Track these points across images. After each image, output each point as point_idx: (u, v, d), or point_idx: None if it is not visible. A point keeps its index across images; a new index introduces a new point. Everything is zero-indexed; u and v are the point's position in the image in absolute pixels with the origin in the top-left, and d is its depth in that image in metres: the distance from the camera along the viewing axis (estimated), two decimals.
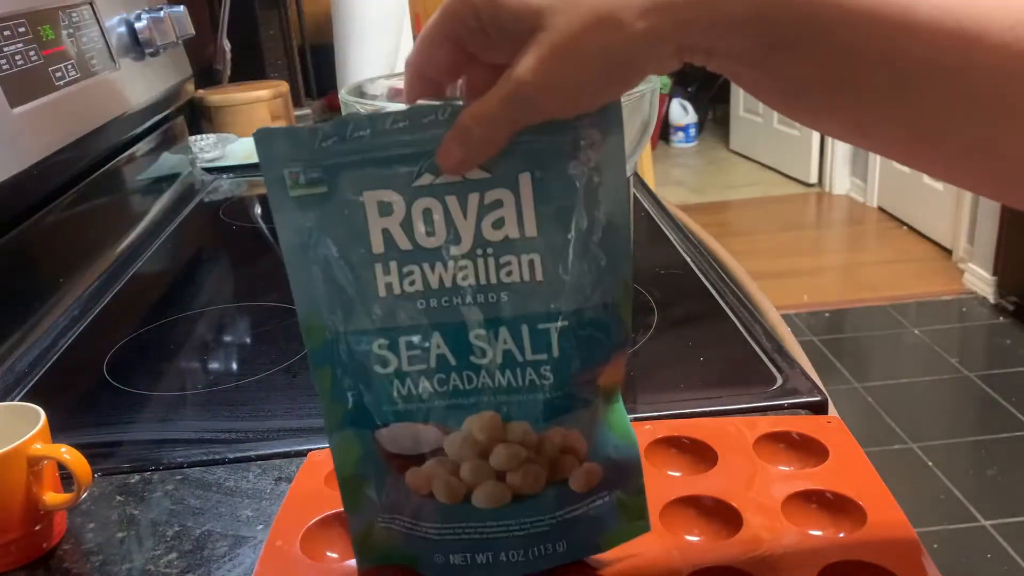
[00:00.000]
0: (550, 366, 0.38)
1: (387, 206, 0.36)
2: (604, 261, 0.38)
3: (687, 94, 4.76)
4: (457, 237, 0.37)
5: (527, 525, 0.40)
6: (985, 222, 2.77)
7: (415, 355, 0.38)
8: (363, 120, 0.36)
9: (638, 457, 0.42)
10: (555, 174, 0.36)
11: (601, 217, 0.37)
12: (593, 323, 0.38)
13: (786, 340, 0.67)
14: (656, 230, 0.95)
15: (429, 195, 0.36)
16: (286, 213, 0.37)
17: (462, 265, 0.37)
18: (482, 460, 0.39)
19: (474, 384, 0.38)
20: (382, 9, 1.39)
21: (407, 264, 0.37)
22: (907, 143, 0.32)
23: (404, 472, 0.40)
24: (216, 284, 0.92)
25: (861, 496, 0.46)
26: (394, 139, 0.36)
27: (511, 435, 0.39)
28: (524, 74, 0.33)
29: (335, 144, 0.36)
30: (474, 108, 0.34)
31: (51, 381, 0.71)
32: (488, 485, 0.39)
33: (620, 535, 0.43)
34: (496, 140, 0.35)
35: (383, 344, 0.38)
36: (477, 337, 0.38)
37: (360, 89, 0.68)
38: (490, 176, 0.36)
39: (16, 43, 0.80)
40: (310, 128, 0.36)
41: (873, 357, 2.48)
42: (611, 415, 0.41)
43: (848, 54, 0.30)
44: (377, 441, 0.40)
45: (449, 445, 0.39)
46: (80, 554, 0.49)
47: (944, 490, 1.87)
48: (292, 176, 0.36)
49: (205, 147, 1.36)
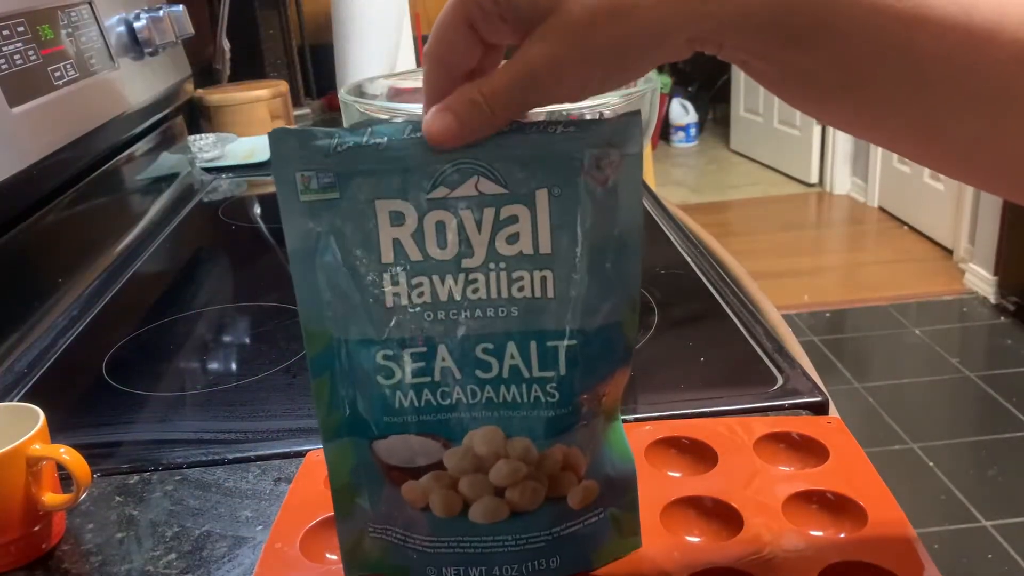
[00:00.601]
0: (556, 383, 0.38)
1: (399, 216, 0.36)
2: (614, 280, 0.37)
3: (687, 94, 4.76)
4: (470, 251, 0.36)
5: (523, 541, 0.40)
6: (986, 222, 2.77)
7: (419, 367, 0.37)
8: (381, 127, 0.35)
9: (634, 474, 0.42)
10: (573, 191, 0.36)
11: (615, 236, 0.37)
12: (600, 341, 0.38)
13: (786, 340, 0.67)
14: (656, 230, 0.95)
15: (443, 208, 0.36)
16: (295, 217, 0.36)
17: (473, 279, 0.36)
18: (481, 475, 0.39)
19: (478, 399, 0.38)
20: (382, 9, 1.39)
21: (416, 276, 0.36)
22: (914, 137, 0.32)
23: (400, 484, 0.39)
24: (215, 284, 0.92)
25: (862, 496, 0.46)
26: (410, 148, 0.35)
27: (513, 451, 0.38)
28: (535, 57, 0.32)
29: (351, 150, 0.35)
30: (483, 85, 0.34)
31: (50, 381, 0.70)
32: (486, 500, 0.39)
33: (612, 550, 0.43)
34: (499, 121, 0.34)
35: (387, 355, 0.37)
36: (484, 351, 0.37)
37: (360, 89, 0.68)
38: (507, 192, 0.36)
39: (15, 43, 0.80)
40: (327, 131, 0.35)
41: (874, 357, 2.48)
42: (611, 432, 0.41)
43: (860, 48, 0.30)
44: (374, 451, 0.39)
45: (448, 459, 0.38)
46: (79, 555, 0.49)
47: (945, 490, 1.86)
48: (304, 180, 0.36)
49: (204, 147, 1.35)
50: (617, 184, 0.36)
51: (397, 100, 0.75)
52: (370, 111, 0.61)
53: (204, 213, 1.16)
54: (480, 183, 0.36)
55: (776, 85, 0.33)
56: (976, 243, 2.83)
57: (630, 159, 0.36)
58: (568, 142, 0.35)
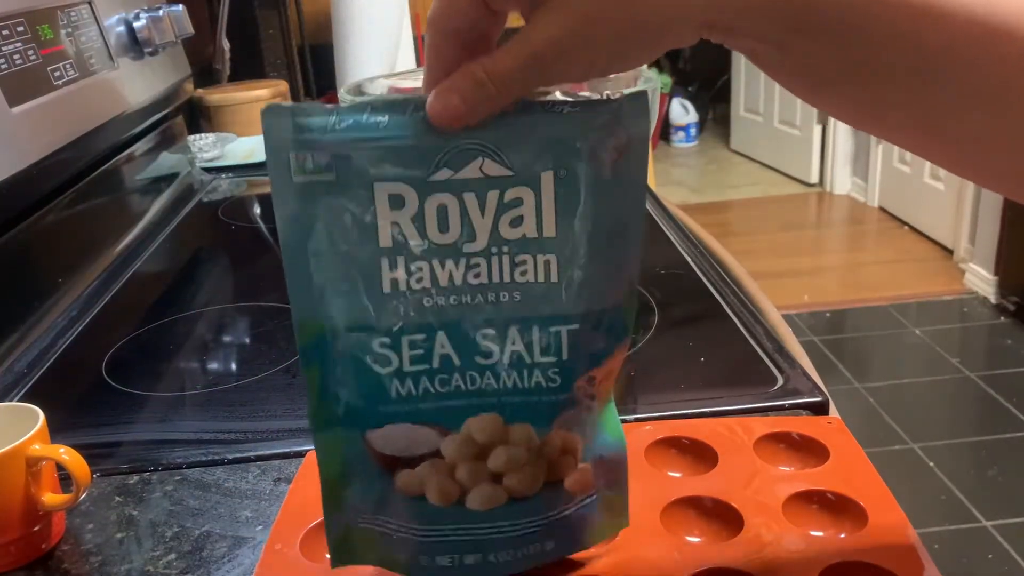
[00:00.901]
0: (558, 368, 0.37)
1: (399, 199, 0.34)
2: (616, 263, 0.37)
3: (687, 93, 4.76)
4: (472, 235, 0.35)
5: (519, 526, 0.40)
6: (986, 222, 2.77)
7: (418, 355, 0.36)
8: (382, 105, 0.34)
9: (625, 455, 0.42)
10: (579, 173, 0.35)
11: (618, 218, 0.36)
12: (601, 325, 0.37)
13: (787, 340, 0.67)
14: (657, 230, 0.95)
15: (446, 191, 0.34)
16: (287, 199, 0.34)
17: (474, 263, 0.35)
18: (479, 462, 0.38)
19: (477, 385, 0.37)
20: (382, 9, 1.39)
21: (416, 260, 0.35)
22: (915, 130, 0.32)
23: (395, 473, 0.38)
24: (215, 284, 0.92)
25: (862, 497, 0.46)
26: (412, 128, 0.34)
27: (514, 437, 0.38)
28: (541, 38, 0.32)
29: (349, 129, 0.33)
30: (488, 65, 0.33)
31: (50, 381, 0.70)
32: (484, 487, 0.39)
33: (603, 531, 0.43)
34: (504, 100, 0.33)
35: (384, 343, 0.36)
36: (485, 337, 0.36)
37: (359, 88, 0.68)
38: (512, 174, 0.35)
39: (15, 42, 0.80)
40: (324, 108, 0.34)
41: (874, 357, 2.48)
42: (606, 414, 0.41)
43: (870, 39, 0.30)
44: (368, 442, 0.38)
45: (446, 447, 0.38)
46: (79, 555, 0.49)
47: (945, 490, 1.86)
48: (299, 159, 0.34)
49: (204, 147, 1.35)
50: (622, 165, 0.35)
51: None
52: None
53: (204, 213, 1.16)
54: (485, 165, 0.35)
55: (784, 74, 0.33)
56: (976, 243, 2.83)
57: (636, 140, 0.35)
58: (574, 123, 0.35)
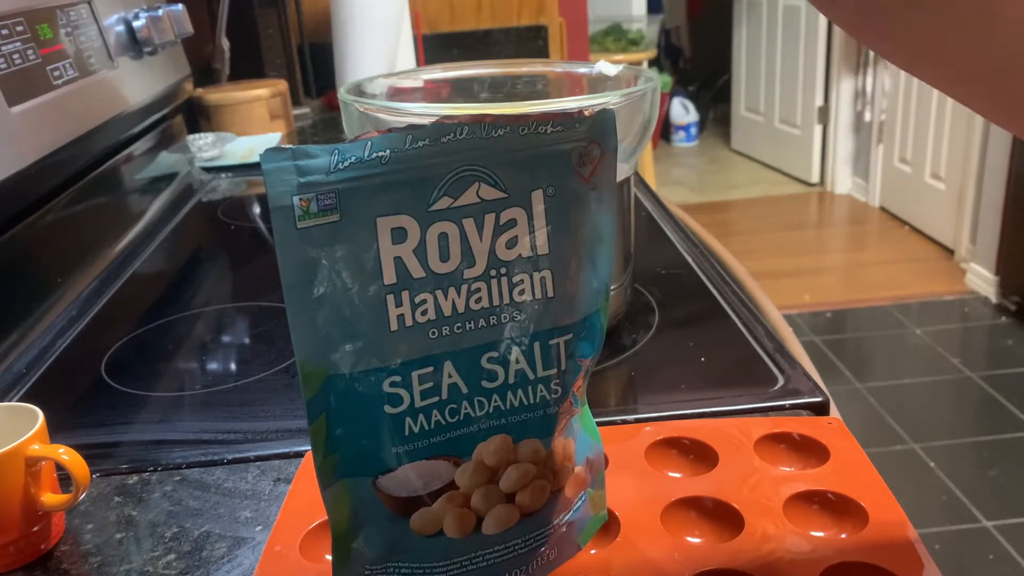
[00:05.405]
0: (559, 379, 0.38)
1: (401, 232, 0.34)
2: (596, 270, 0.39)
3: (688, 93, 4.76)
4: (471, 260, 0.36)
5: (531, 540, 0.40)
6: (987, 222, 2.77)
7: (427, 388, 0.36)
8: (382, 140, 0.33)
9: (603, 452, 0.44)
10: (565, 189, 0.37)
11: (597, 226, 0.38)
12: (586, 331, 0.39)
13: (787, 340, 0.67)
14: (657, 230, 0.95)
15: (446, 219, 0.35)
16: (291, 246, 0.33)
17: (475, 288, 0.36)
18: (492, 485, 0.38)
19: (485, 409, 0.37)
20: (382, 9, 1.38)
21: (419, 293, 0.35)
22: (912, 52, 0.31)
23: (408, 515, 0.38)
24: (214, 284, 0.92)
25: (863, 497, 0.46)
26: (413, 160, 0.34)
27: (522, 454, 0.38)
28: None
29: (352, 167, 0.33)
30: None
31: (49, 381, 0.70)
32: (499, 509, 0.38)
33: (590, 529, 0.44)
34: None
35: (395, 381, 0.35)
36: (489, 360, 0.37)
37: (359, 88, 0.68)
38: (506, 196, 0.36)
39: (14, 42, 0.80)
40: (327, 149, 0.33)
41: (875, 357, 2.48)
42: (584, 417, 0.43)
43: None
44: (378, 488, 0.37)
45: (460, 476, 0.38)
46: (78, 555, 0.49)
47: (946, 491, 1.86)
48: (303, 204, 0.33)
49: (203, 146, 1.35)
50: (598, 177, 0.38)
51: (396, 99, 0.75)
52: (369, 111, 0.61)
53: (203, 213, 1.16)
54: (481, 189, 0.35)
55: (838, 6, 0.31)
56: (977, 243, 2.83)
57: (608, 153, 0.38)
58: (557, 140, 0.36)
